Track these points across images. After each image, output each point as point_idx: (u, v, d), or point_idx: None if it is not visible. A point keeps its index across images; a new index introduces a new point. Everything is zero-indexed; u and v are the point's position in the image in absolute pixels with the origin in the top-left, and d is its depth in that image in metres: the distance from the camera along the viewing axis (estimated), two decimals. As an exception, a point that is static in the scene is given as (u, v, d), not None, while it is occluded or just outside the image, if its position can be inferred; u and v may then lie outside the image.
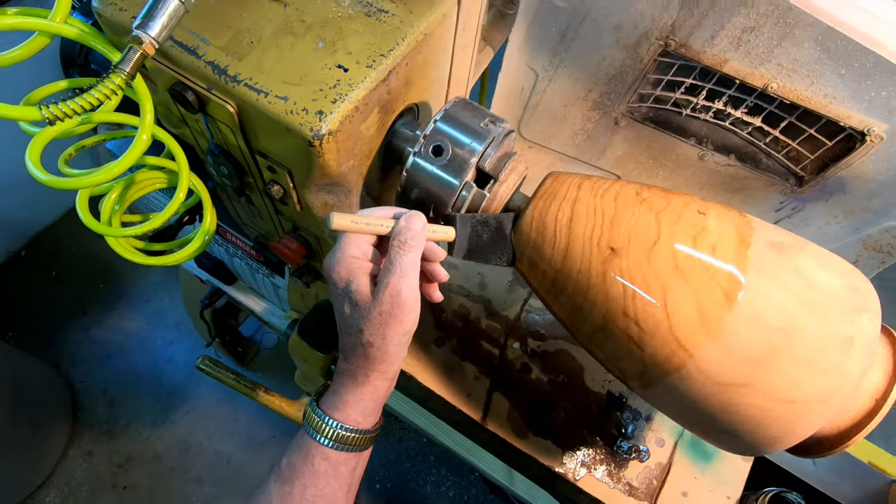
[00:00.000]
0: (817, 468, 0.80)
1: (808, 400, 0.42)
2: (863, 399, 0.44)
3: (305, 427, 0.46)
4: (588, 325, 0.49)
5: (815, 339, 0.42)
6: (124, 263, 1.89)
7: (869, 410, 0.44)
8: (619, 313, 0.46)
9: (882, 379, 0.44)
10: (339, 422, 0.44)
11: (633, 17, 0.68)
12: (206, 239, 0.63)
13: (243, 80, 0.46)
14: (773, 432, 0.44)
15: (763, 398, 0.43)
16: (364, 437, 0.45)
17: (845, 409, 0.44)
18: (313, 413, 0.46)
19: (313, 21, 0.50)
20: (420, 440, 1.74)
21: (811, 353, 0.42)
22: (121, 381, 1.72)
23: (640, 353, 0.46)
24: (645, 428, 0.76)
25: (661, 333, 0.44)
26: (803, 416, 0.42)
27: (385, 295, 0.41)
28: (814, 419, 0.42)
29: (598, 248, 0.47)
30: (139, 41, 0.36)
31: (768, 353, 0.42)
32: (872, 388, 0.44)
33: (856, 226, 0.79)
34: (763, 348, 0.42)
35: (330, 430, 0.44)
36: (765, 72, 0.66)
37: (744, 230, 0.47)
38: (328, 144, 0.46)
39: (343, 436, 0.44)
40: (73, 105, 0.35)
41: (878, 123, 0.65)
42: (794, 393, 0.42)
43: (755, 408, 0.43)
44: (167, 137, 0.51)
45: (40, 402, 1.53)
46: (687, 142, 0.80)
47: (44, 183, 0.42)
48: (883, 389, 0.44)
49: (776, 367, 0.42)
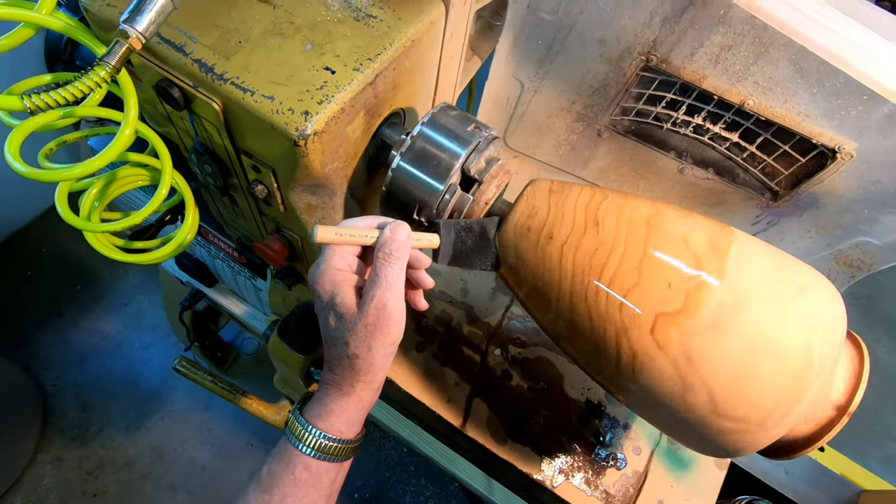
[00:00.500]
0: (790, 477, 0.82)
1: (780, 399, 0.43)
2: (827, 403, 0.46)
3: (288, 435, 0.45)
4: (569, 330, 0.50)
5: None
6: (103, 265, 1.86)
7: (832, 417, 0.45)
8: (601, 320, 0.47)
9: (846, 384, 0.46)
10: (323, 431, 0.44)
11: (616, 32, 0.70)
12: (188, 238, 0.63)
13: (230, 78, 0.46)
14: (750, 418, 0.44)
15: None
16: (347, 448, 0.45)
17: (811, 414, 0.46)
18: (296, 422, 0.45)
19: (302, 23, 0.51)
20: (400, 450, 1.72)
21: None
22: (95, 385, 1.68)
23: (617, 355, 0.47)
24: (623, 436, 0.77)
25: (640, 333, 0.45)
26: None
27: (371, 308, 0.41)
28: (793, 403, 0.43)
29: (578, 253, 0.48)
30: (126, 35, 0.36)
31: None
32: (837, 392, 0.46)
33: (828, 241, 0.82)
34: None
35: (313, 439, 0.44)
36: (742, 88, 0.69)
37: (718, 240, 0.48)
38: (313, 145, 0.46)
39: (326, 445, 0.44)
40: (56, 96, 0.35)
41: (848, 142, 0.68)
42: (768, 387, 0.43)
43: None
44: (151, 134, 0.51)
45: (8, 405, 1.48)
46: (667, 155, 0.82)
47: (23, 175, 0.42)
48: (847, 394, 0.45)
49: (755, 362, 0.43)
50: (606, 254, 0.47)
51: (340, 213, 0.61)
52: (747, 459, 0.82)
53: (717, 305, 0.43)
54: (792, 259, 0.49)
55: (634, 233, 0.47)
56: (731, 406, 0.43)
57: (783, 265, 0.48)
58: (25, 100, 0.34)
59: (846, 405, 0.45)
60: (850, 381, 0.46)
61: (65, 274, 1.81)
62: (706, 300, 0.44)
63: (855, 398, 0.45)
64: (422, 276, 0.49)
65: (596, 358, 0.48)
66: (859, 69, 0.54)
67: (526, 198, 0.53)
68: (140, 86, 0.53)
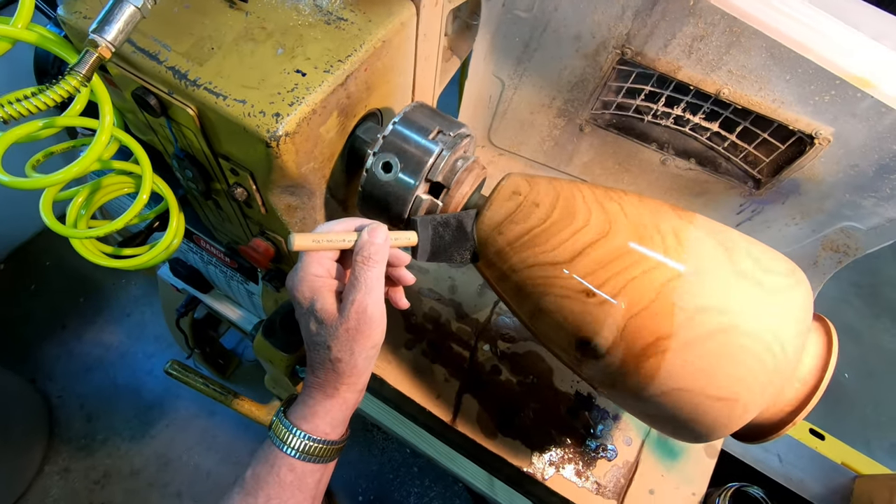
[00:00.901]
0: (783, 465, 0.82)
1: (747, 390, 0.43)
2: (797, 385, 0.46)
3: (272, 437, 0.45)
4: (543, 321, 0.51)
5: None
6: (105, 277, 1.89)
7: (803, 396, 0.46)
8: (571, 312, 0.48)
9: (815, 365, 0.46)
10: (307, 433, 0.44)
11: (590, 27, 0.71)
12: (174, 243, 0.64)
13: (203, 83, 0.47)
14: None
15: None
16: (331, 449, 0.46)
17: (781, 396, 0.46)
18: (281, 424, 0.45)
19: (274, 28, 0.52)
20: (403, 451, 1.73)
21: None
22: (99, 396, 1.69)
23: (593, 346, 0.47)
24: (613, 427, 0.78)
25: (613, 323, 0.46)
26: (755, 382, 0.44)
27: (351, 312, 0.42)
28: (764, 386, 0.44)
29: (552, 246, 0.49)
30: (95, 44, 0.38)
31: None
32: (806, 374, 0.46)
33: (812, 227, 0.82)
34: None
35: (297, 440, 0.44)
36: (716, 78, 0.69)
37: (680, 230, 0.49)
38: (285, 146, 0.47)
39: (310, 447, 0.44)
40: (28, 105, 0.36)
41: (824, 127, 0.68)
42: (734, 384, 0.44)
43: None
44: (130, 141, 0.52)
45: (15, 418, 1.50)
46: (649, 147, 0.83)
47: (4, 184, 0.43)
48: (816, 375, 0.46)
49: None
50: (581, 242, 0.47)
51: (321, 214, 0.62)
52: (739, 447, 0.82)
53: (685, 295, 0.44)
54: (758, 245, 0.50)
55: (610, 222, 0.48)
56: (702, 392, 0.44)
57: (746, 248, 0.48)
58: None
59: (815, 386, 0.46)
60: (818, 362, 0.46)
61: (68, 286, 1.84)
62: (676, 290, 0.44)
63: (823, 379, 0.45)
64: (402, 273, 0.49)
65: (568, 350, 0.49)
66: (822, 55, 0.55)
67: (500, 190, 0.54)
68: (120, 95, 0.55)
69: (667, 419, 0.47)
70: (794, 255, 0.87)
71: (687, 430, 0.46)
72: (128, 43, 0.48)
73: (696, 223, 0.49)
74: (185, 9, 0.52)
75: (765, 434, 0.47)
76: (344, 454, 0.48)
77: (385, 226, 0.45)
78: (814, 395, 0.45)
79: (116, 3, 0.38)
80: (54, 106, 0.51)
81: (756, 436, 0.48)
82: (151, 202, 0.68)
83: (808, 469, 0.83)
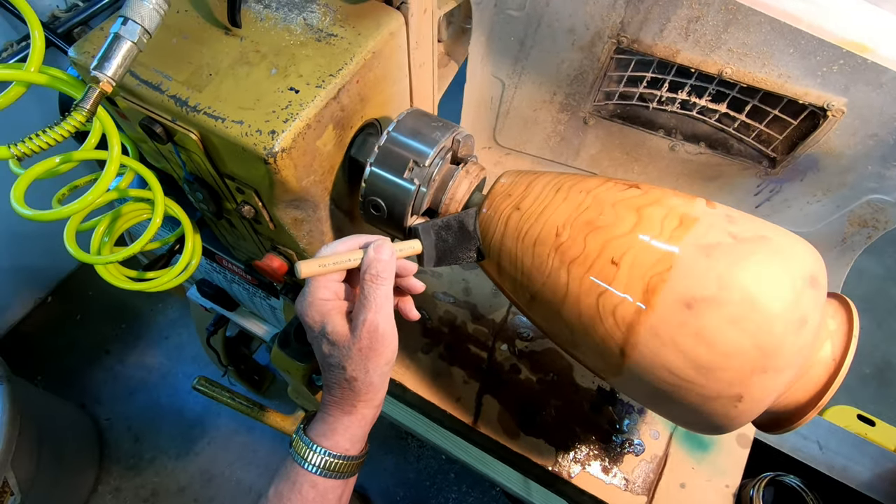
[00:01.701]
0: (825, 452, 0.78)
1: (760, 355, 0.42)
2: (819, 369, 0.44)
3: (293, 455, 0.46)
4: (550, 313, 0.51)
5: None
6: (143, 303, 1.97)
7: (825, 380, 0.44)
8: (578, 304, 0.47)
9: (836, 349, 0.44)
10: (328, 449, 0.45)
11: (583, 19, 0.71)
12: (193, 263, 0.67)
13: (203, 109, 0.50)
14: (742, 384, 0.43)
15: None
16: (352, 464, 0.46)
17: (802, 382, 0.44)
18: (301, 441, 0.46)
19: (267, 50, 0.54)
20: (439, 458, 1.73)
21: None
22: (144, 417, 1.76)
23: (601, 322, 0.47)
24: (639, 421, 0.76)
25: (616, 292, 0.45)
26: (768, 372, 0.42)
27: (363, 331, 0.42)
28: (777, 373, 0.42)
29: (549, 236, 0.49)
30: (97, 80, 0.40)
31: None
32: (828, 354, 0.44)
33: (836, 203, 0.79)
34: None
35: (318, 457, 0.45)
36: (717, 58, 0.68)
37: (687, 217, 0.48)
38: (283, 161, 0.49)
39: (332, 463, 0.45)
40: (38, 142, 0.39)
41: (836, 98, 0.66)
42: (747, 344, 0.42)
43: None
44: (140, 167, 0.55)
45: (68, 442, 1.58)
46: (656, 134, 0.82)
47: (27, 217, 0.47)
48: (837, 359, 0.44)
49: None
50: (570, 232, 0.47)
51: (328, 225, 0.64)
52: (775, 437, 0.79)
53: (693, 279, 0.43)
54: (766, 224, 0.48)
55: (613, 210, 0.48)
56: (714, 378, 0.43)
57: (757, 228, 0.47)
58: (12, 148, 0.38)
59: (838, 366, 0.44)
60: (840, 341, 0.44)
61: (109, 314, 1.93)
62: (683, 274, 0.43)
63: (847, 358, 0.44)
64: (410, 282, 0.50)
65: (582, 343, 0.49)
66: (814, 23, 0.53)
67: (497, 191, 0.54)
68: (132, 126, 0.58)
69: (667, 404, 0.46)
70: (820, 233, 0.84)
71: (692, 421, 0.45)
72: (132, 76, 0.51)
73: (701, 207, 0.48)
74: (184, 39, 0.54)
75: (784, 423, 0.45)
76: (380, 462, 0.48)
77: (389, 240, 0.46)
78: (834, 381, 0.43)
79: (114, 41, 0.41)
80: (76, 139, 0.55)
81: (776, 425, 0.46)
82: (172, 226, 0.71)
83: (852, 456, 0.79)
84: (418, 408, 0.79)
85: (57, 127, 0.39)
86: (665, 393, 0.44)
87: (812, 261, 0.44)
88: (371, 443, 0.51)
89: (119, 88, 0.52)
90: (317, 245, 0.65)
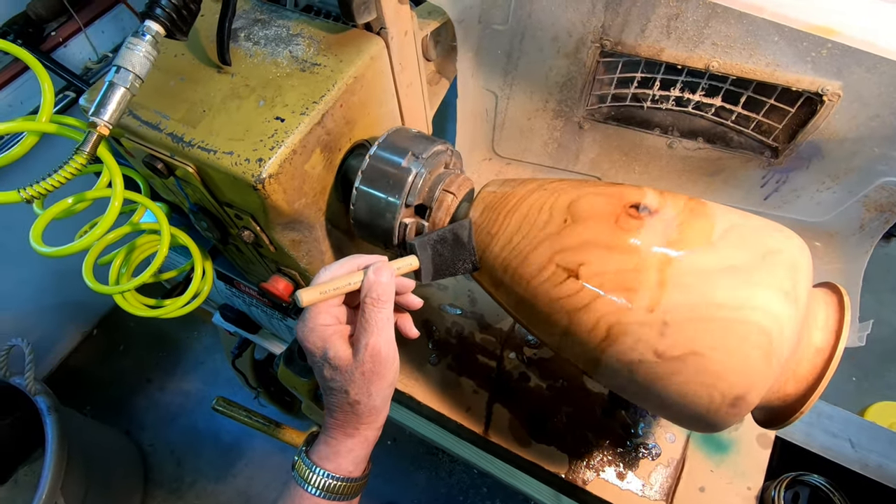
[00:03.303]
0: (857, 450, 0.74)
1: (755, 344, 0.41)
2: (810, 357, 0.43)
3: (296, 478, 0.46)
4: (536, 314, 0.51)
5: (745, 284, 0.42)
6: (179, 332, 2.06)
7: (820, 368, 0.43)
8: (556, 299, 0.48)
9: (826, 335, 0.43)
10: (330, 472, 0.45)
11: (565, 26, 0.72)
12: (206, 289, 0.71)
13: (197, 143, 0.53)
14: (731, 381, 0.42)
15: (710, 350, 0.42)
16: (355, 485, 0.47)
17: (794, 371, 0.43)
18: (303, 464, 0.46)
19: (256, 84, 0.57)
20: (471, 472, 1.72)
21: (743, 297, 0.41)
22: (185, 441, 1.83)
23: (587, 318, 0.47)
24: (654, 424, 0.74)
25: (607, 300, 0.45)
26: (757, 361, 0.41)
27: (366, 355, 0.43)
28: (767, 365, 0.41)
29: (535, 237, 0.49)
30: (95, 125, 0.44)
31: (705, 305, 0.42)
32: (818, 344, 0.43)
33: (848, 189, 0.76)
34: (700, 300, 0.42)
35: (321, 480, 0.45)
36: (702, 53, 0.67)
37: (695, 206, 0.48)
38: (271, 186, 0.52)
39: (335, 485, 0.45)
40: (45, 185, 0.43)
41: (830, 82, 0.64)
42: (736, 341, 0.41)
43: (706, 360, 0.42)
44: (146, 201, 0.59)
45: (115, 467, 1.65)
46: (652, 133, 0.81)
47: (44, 254, 0.51)
48: (830, 345, 0.43)
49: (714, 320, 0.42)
50: (569, 239, 0.48)
51: (326, 244, 0.67)
52: (801, 435, 0.75)
53: (677, 276, 0.43)
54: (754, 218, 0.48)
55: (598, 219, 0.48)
56: (706, 373, 0.42)
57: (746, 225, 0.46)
58: (21, 192, 0.43)
59: (830, 355, 0.42)
60: (830, 329, 0.43)
61: (149, 344, 2.02)
62: (667, 275, 0.43)
63: (838, 346, 0.42)
64: (409, 299, 0.50)
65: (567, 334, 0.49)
66: (777, 11, 0.52)
67: (481, 200, 0.55)
68: (138, 163, 0.62)
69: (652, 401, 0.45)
70: (836, 221, 0.81)
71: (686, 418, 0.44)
72: (134, 118, 0.56)
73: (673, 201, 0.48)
74: (181, 81, 0.58)
75: (780, 418, 0.44)
76: (412, 478, 0.48)
77: (387, 261, 0.46)
78: (826, 371, 0.42)
79: (109, 88, 0.45)
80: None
81: (773, 420, 0.45)
82: (188, 254, 0.75)
83: (888, 453, 0.75)
84: (435, 420, 0.80)
85: (61, 170, 0.43)
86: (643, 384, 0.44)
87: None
88: (402, 459, 0.51)
89: (123, 130, 0.56)
90: (317, 264, 0.68)
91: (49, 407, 1.32)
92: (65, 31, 1.42)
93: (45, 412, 1.30)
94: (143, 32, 0.46)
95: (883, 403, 1.17)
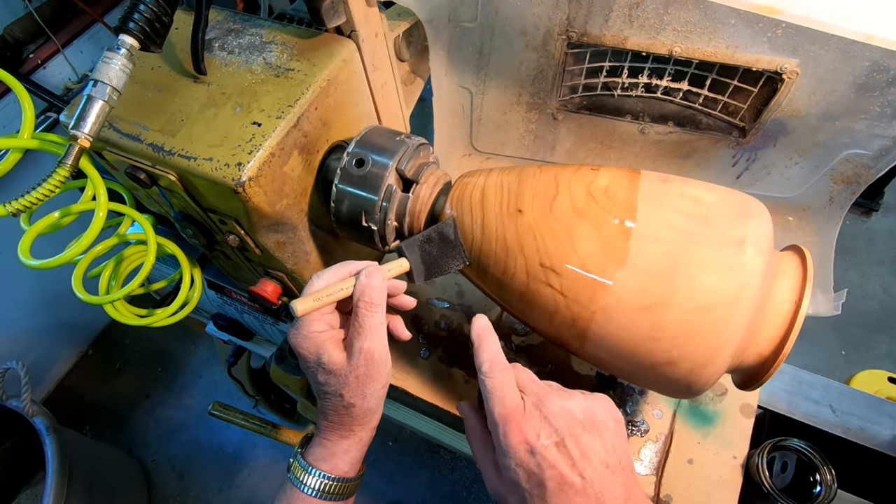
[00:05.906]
0: (838, 415, 0.77)
1: (721, 302, 0.43)
2: (777, 316, 0.45)
3: (291, 479, 0.47)
4: (515, 290, 0.53)
5: (709, 245, 0.44)
6: (176, 346, 2.06)
7: (786, 326, 0.45)
8: (537, 266, 0.50)
9: (791, 293, 0.45)
10: (326, 472, 0.46)
11: (532, 20, 0.74)
12: (195, 296, 0.72)
13: (177, 151, 0.55)
14: (703, 343, 0.44)
15: (681, 311, 0.44)
16: (350, 486, 0.48)
17: (762, 331, 0.45)
18: (299, 465, 0.47)
19: (232, 91, 0.59)
20: (473, 467, 1.73)
21: (709, 258, 0.44)
22: (187, 455, 1.84)
23: (565, 300, 0.49)
24: (641, 402, 0.76)
25: (576, 274, 0.47)
26: (723, 322, 0.43)
27: (360, 359, 0.44)
28: (733, 323, 0.43)
29: (507, 213, 0.51)
30: (76, 138, 0.46)
31: (672, 266, 0.44)
32: (783, 303, 0.45)
33: (815, 163, 0.79)
34: (666, 263, 0.44)
35: (317, 481, 0.46)
36: (664, 39, 0.70)
37: (633, 174, 0.50)
38: (252, 189, 0.53)
39: (330, 486, 0.46)
40: (30, 198, 0.44)
41: (787, 60, 0.67)
42: (706, 297, 0.43)
43: (677, 323, 0.45)
44: (131, 211, 0.60)
45: (118, 485, 1.66)
46: (623, 120, 0.83)
47: (32, 267, 0.52)
48: (794, 303, 0.45)
49: (683, 277, 0.44)
50: (529, 205, 0.50)
51: (310, 245, 0.68)
52: (785, 405, 0.78)
53: (642, 226, 0.45)
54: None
55: (554, 183, 0.50)
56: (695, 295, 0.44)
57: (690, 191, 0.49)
58: (7, 206, 0.44)
59: (794, 314, 0.45)
60: (794, 289, 0.45)
61: (146, 360, 2.03)
62: (632, 247, 0.45)
63: (802, 305, 0.44)
64: (402, 300, 0.52)
65: (550, 312, 0.51)
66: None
67: (458, 187, 0.57)
68: (122, 175, 0.63)
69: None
70: (806, 195, 0.84)
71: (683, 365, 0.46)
72: (115, 130, 0.57)
73: (645, 173, 0.50)
74: (159, 93, 0.60)
75: (755, 377, 0.46)
76: (415, 477, 0.49)
77: (378, 265, 0.48)
78: (795, 322, 0.44)
79: (87, 102, 0.46)
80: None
81: (749, 381, 0.47)
82: (177, 263, 0.76)
83: (869, 417, 0.77)
84: (434, 415, 0.81)
85: (45, 183, 0.44)
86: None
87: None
88: (404, 459, 0.53)
89: (104, 143, 0.57)
90: (303, 265, 0.69)
91: (48, 427, 1.32)
92: (43, 53, 1.43)
93: (43, 433, 1.31)
94: (118, 46, 0.48)
95: (867, 372, 1.20)
